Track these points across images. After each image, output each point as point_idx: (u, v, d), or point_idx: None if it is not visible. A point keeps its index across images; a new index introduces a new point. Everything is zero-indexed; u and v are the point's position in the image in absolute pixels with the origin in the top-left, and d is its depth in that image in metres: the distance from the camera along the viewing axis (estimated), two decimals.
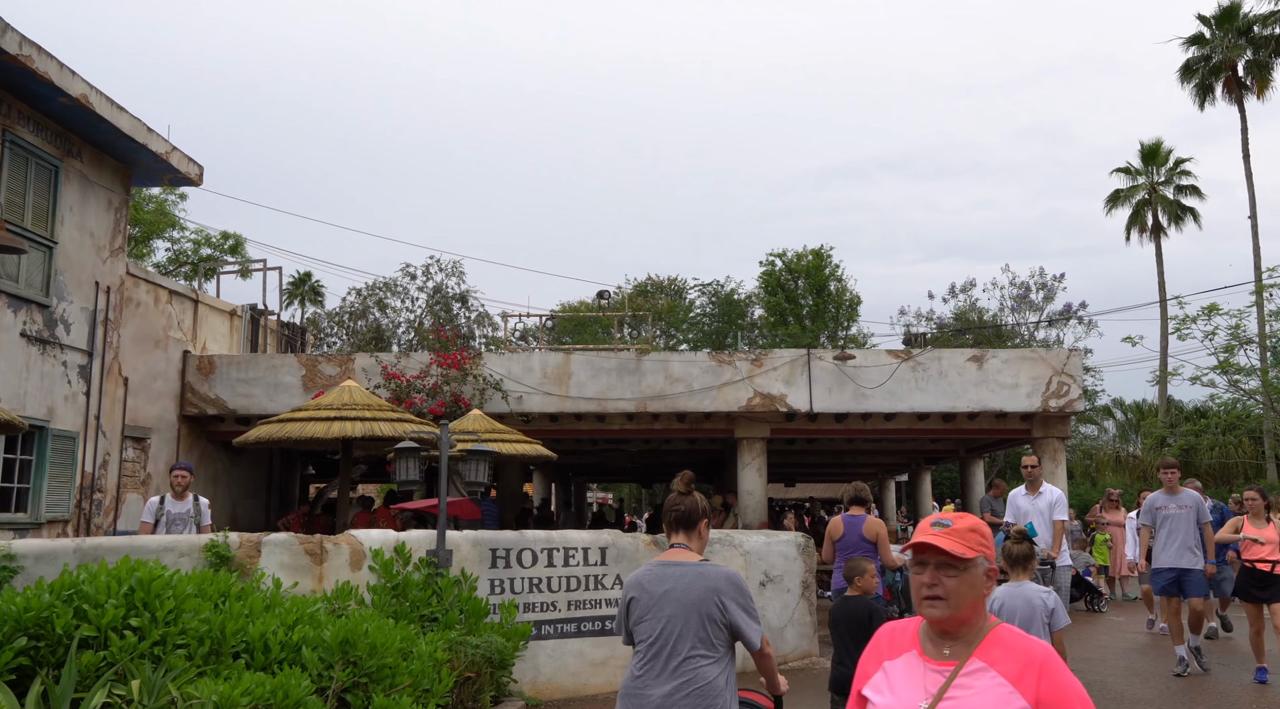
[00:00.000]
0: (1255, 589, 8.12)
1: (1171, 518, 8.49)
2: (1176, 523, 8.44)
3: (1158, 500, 8.69)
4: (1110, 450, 32.15)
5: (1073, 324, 38.65)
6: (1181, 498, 8.54)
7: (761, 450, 15.29)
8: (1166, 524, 8.53)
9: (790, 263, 50.55)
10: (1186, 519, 8.41)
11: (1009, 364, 14.62)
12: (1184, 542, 8.40)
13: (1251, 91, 27.33)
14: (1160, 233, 32.12)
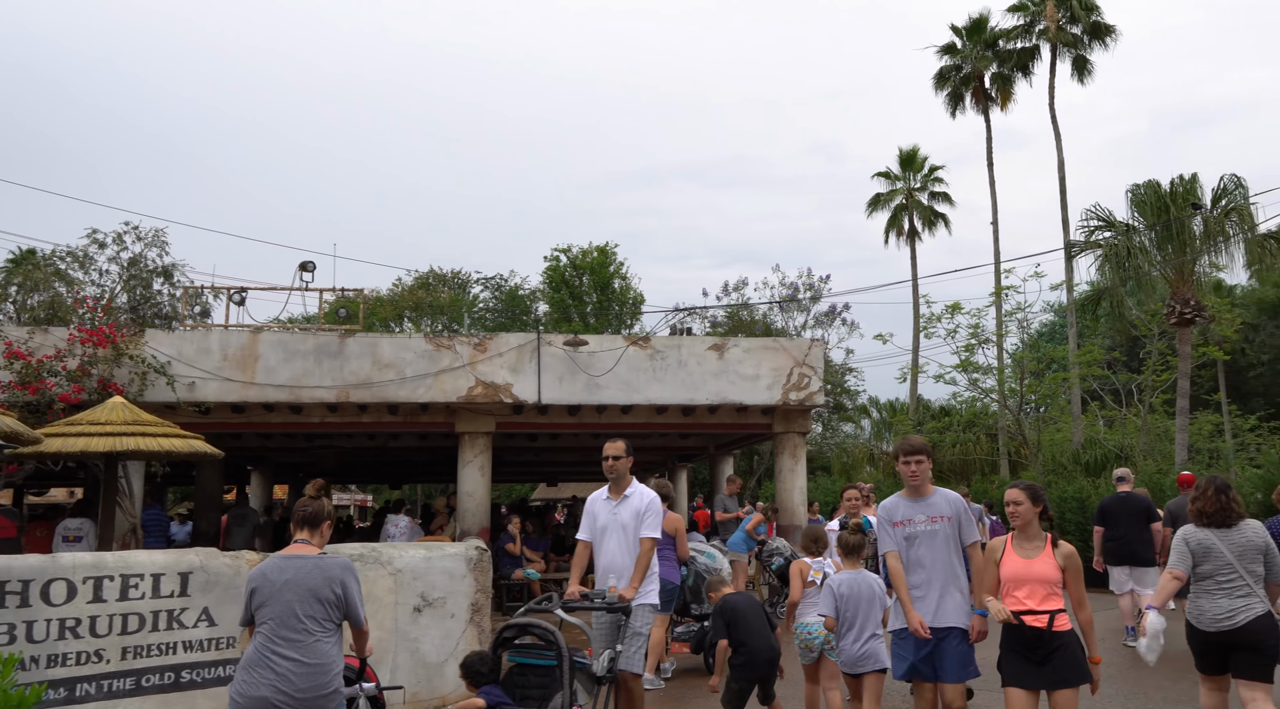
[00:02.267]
0: (1026, 661, 4.69)
1: (921, 538, 5.16)
2: (929, 548, 5.14)
3: (896, 510, 5.31)
4: (865, 448, 32.94)
5: (838, 325, 39.71)
6: (934, 504, 5.24)
7: (486, 446, 13.65)
8: (914, 548, 5.17)
9: (575, 259, 49.47)
10: (944, 539, 5.15)
11: (750, 354, 13.75)
12: (944, 581, 5.11)
13: (996, 103, 28.59)
14: (915, 237, 33.28)
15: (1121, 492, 9.96)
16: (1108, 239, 19.97)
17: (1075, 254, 21.25)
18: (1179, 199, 18.81)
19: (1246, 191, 18.54)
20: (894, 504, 5.30)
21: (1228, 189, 18.77)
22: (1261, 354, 45.29)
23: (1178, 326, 19.60)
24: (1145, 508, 9.65)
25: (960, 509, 5.22)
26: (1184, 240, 18.95)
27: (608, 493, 5.98)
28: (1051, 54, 26.66)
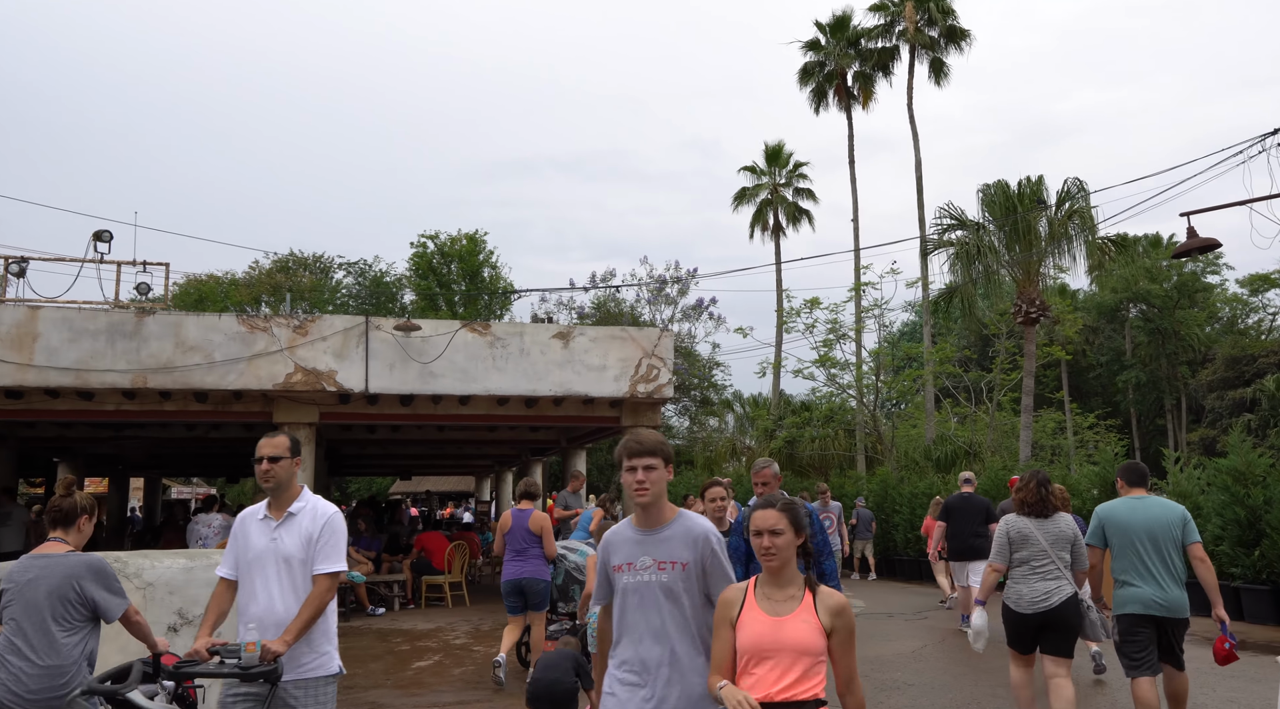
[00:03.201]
0: None
1: (638, 592, 3.50)
2: (643, 608, 3.40)
3: (617, 546, 3.51)
4: (727, 442, 32.90)
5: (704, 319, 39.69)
6: (667, 541, 3.35)
7: (308, 438, 12.49)
8: (628, 606, 3.58)
9: (443, 246, 47.92)
10: (667, 595, 3.43)
11: (597, 344, 13.06)
12: (667, 661, 3.20)
13: (858, 100, 28.89)
14: (780, 232, 33.41)
15: (965, 492, 10.55)
16: (959, 238, 20.28)
17: (929, 251, 21.52)
18: (1026, 199, 19.24)
19: (1088, 195, 19.10)
20: (617, 536, 3.40)
21: (1071, 192, 19.29)
22: (1100, 356, 47.88)
23: (1024, 325, 20.06)
24: (984, 508, 10.28)
25: (708, 551, 3.24)
26: (1030, 241, 19.39)
27: (265, 510, 3.98)
28: (910, 55, 27.12)
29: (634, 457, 3.24)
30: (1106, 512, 5.77)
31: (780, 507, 3.09)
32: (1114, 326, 47.57)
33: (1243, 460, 12.26)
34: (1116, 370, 46.28)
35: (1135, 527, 5.60)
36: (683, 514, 3.31)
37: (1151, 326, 44.51)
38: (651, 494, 3.22)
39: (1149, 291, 43.56)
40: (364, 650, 9.77)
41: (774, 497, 3.17)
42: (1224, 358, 40.89)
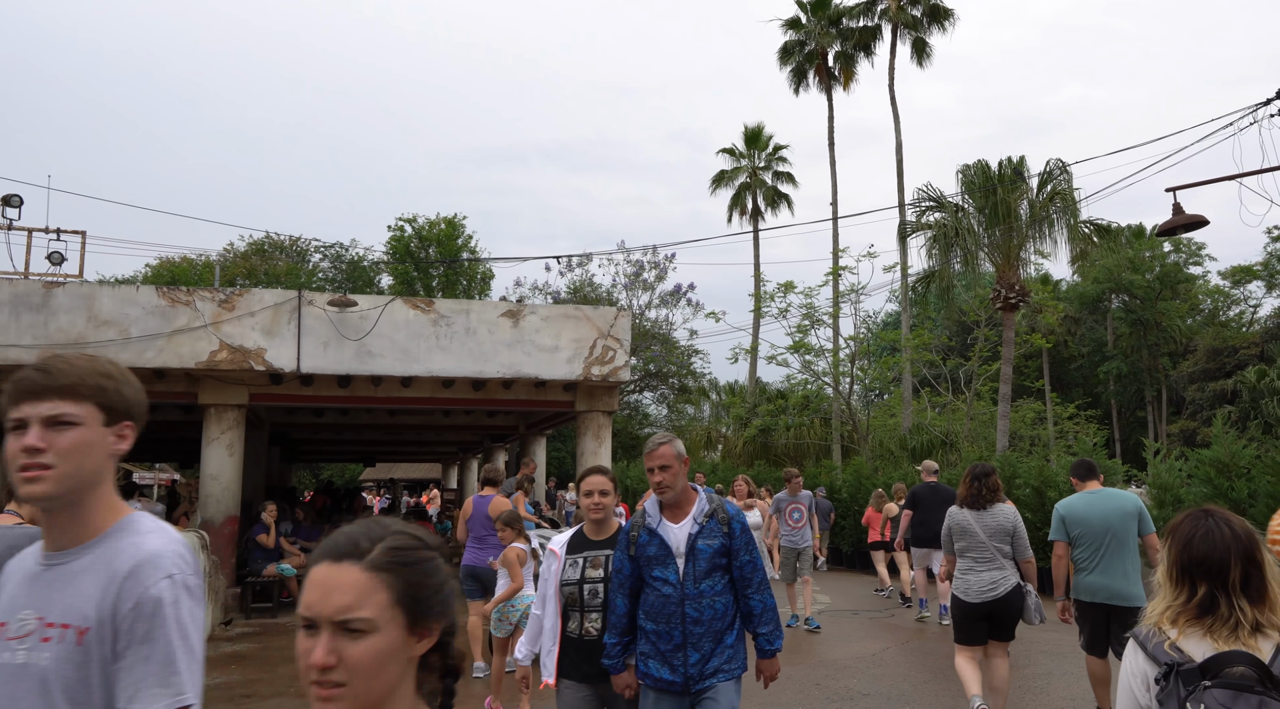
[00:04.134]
0: None
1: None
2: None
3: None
4: (703, 431, 32.22)
5: (682, 305, 38.94)
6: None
7: (236, 421, 11.69)
8: None
9: (420, 230, 47.02)
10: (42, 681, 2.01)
11: (549, 323, 12.29)
12: None
13: (839, 82, 28.12)
14: (759, 216, 32.67)
15: (930, 482, 10.63)
16: (938, 220, 19.57)
17: (907, 234, 20.81)
18: (1007, 180, 18.53)
19: (1070, 176, 18.44)
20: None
21: (1053, 173, 18.62)
22: (1082, 346, 47.45)
23: (1003, 311, 19.41)
24: (949, 496, 10.09)
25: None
26: (1010, 223, 18.70)
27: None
28: (893, 34, 26.35)
29: None
30: (1065, 507, 6.05)
31: None
32: (1096, 317, 47.14)
33: (1226, 452, 11.64)
34: (1098, 361, 45.87)
35: (1093, 520, 5.90)
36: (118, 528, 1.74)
37: (1133, 317, 44.09)
38: None
39: (1131, 282, 43.10)
40: (280, 651, 9.00)
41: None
42: (1205, 349, 40.51)
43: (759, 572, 3.58)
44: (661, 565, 3.51)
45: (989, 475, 6.12)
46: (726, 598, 3.53)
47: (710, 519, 3.55)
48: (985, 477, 6.11)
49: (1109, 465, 13.21)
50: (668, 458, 3.55)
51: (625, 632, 3.57)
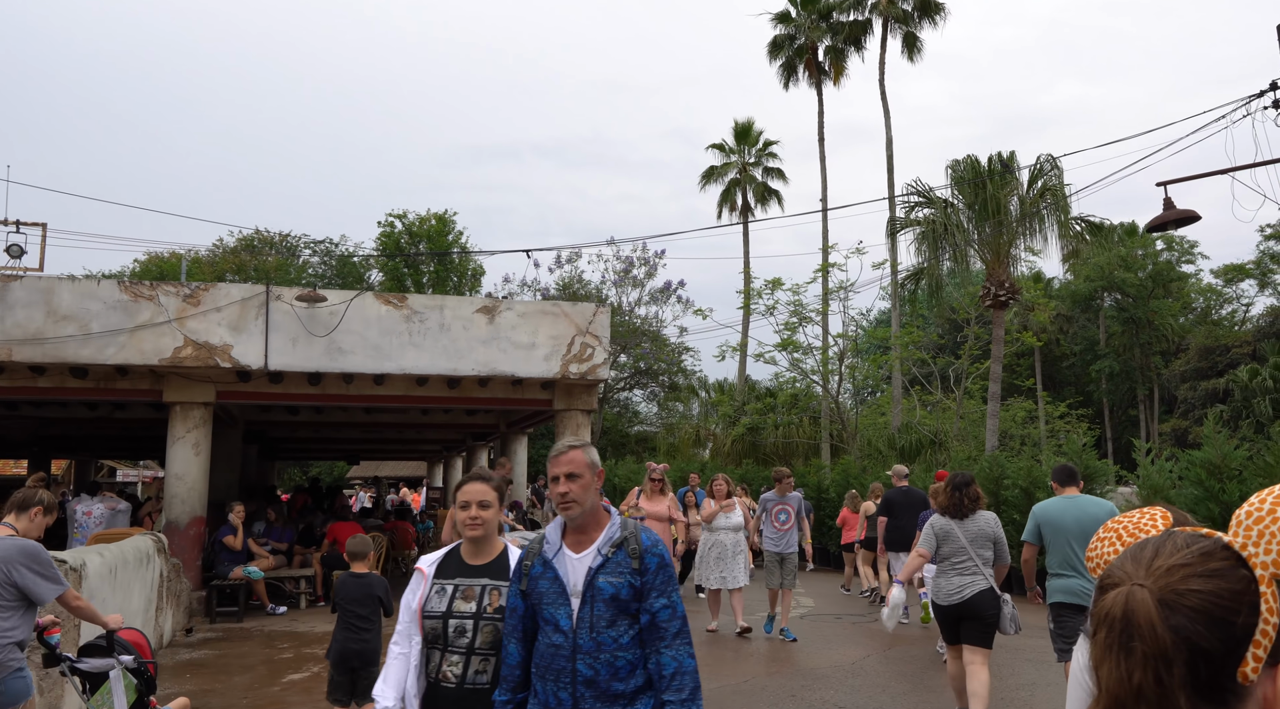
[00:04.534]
0: None
1: None
2: None
3: None
4: (692, 428, 31.94)
5: (673, 302, 38.67)
6: None
7: (203, 419, 11.37)
8: None
9: (411, 226, 46.78)
10: None
11: (526, 319, 11.98)
12: None
13: (829, 76, 27.84)
14: (748, 212, 32.38)
15: (901, 486, 10.70)
16: (927, 216, 19.30)
17: (896, 230, 20.53)
18: (996, 176, 18.28)
19: (1061, 172, 18.18)
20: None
21: (1044, 169, 18.36)
22: (1074, 345, 47.30)
23: (993, 309, 19.15)
24: (922, 500, 10.27)
25: None
26: (1000, 220, 18.45)
27: None
28: (883, 28, 26.07)
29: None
30: (1041, 511, 6.18)
31: None
32: (1088, 316, 46.99)
33: (1218, 452, 11.38)
34: (1090, 360, 45.72)
35: (1067, 523, 6.03)
36: None
37: (1125, 316, 43.94)
38: None
39: (1124, 280, 42.95)
40: (239, 659, 8.69)
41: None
42: (1197, 348, 40.38)
43: (677, 621, 2.72)
44: (553, 606, 2.71)
45: (969, 485, 6.28)
46: (633, 653, 2.67)
47: (618, 550, 2.72)
48: (966, 486, 6.27)
49: (1099, 466, 12.95)
50: (577, 465, 2.81)
51: (518, 687, 2.78)
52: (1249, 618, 0.92)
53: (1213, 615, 0.91)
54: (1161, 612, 0.92)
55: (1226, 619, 0.91)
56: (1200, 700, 0.90)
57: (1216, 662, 0.90)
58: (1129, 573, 0.98)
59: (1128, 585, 0.96)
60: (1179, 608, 0.92)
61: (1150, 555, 0.99)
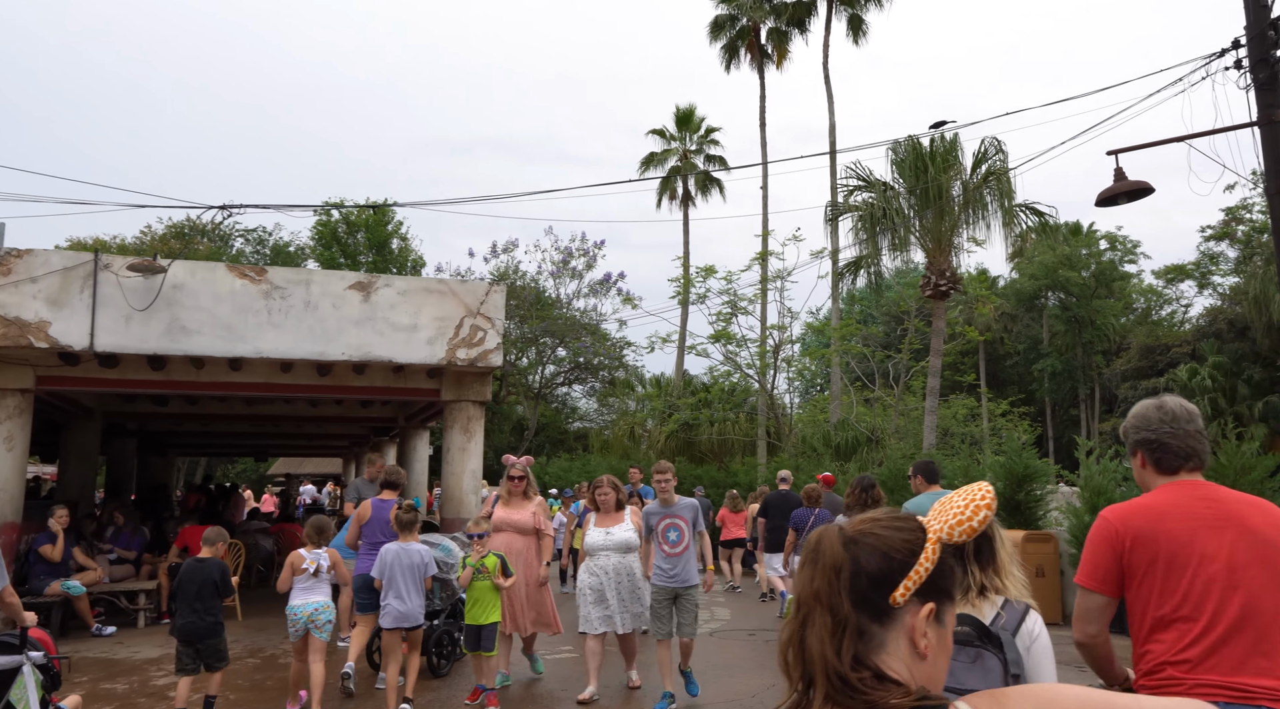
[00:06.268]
0: None
1: None
2: None
3: None
4: (626, 424, 30.68)
5: (613, 296, 37.39)
6: None
7: (19, 408, 9.74)
8: None
9: (348, 215, 44.96)
10: None
11: (408, 298, 10.58)
12: None
13: (772, 60, 26.72)
14: (689, 201, 31.21)
15: (782, 490, 11.37)
16: (865, 200, 18.21)
17: (835, 216, 19.41)
18: (939, 159, 17.24)
19: (1006, 157, 17.19)
20: None
21: (988, 153, 17.37)
22: (1018, 344, 46.95)
23: (933, 300, 18.13)
24: (797, 503, 10.83)
25: None
26: (942, 206, 17.42)
27: None
28: (828, 9, 24.99)
29: None
30: (911, 507, 6.17)
31: None
32: (1032, 315, 46.65)
33: None
34: (1033, 359, 45.39)
35: None
36: None
37: (1069, 315, 43.64)
38: None
39: (1068, 279, 42.61)
40: None
41: None
42: (1138, 347, 40.12)
43: None
44: None
45: (872, 487, 6.54)
46: None
47: None
48: (869, 488, 6.53)
49: (1038, 466, 11.97)
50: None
51: None
52: (908, 559, 1.21)
53: (878, 549, 1.22)
54: (844, 541, 1.24)
55: (889, 554, 1.21)
56: (857, 607, 1.18)
57: (874, 580, 1.19)
58: (840, 523, 1.29)
59: (833, 528, 1.27)
60: (859, 541, 1.24)
61: (863, 514, 1.29)
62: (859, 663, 1.15)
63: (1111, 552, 2.62)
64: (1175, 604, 2.50)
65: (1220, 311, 37.20)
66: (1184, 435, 2.67)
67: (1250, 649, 2.37)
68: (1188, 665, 2.44)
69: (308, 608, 6.52)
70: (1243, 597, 2.42)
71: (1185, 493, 2.61)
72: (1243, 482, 9.32)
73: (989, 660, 2.28)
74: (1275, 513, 2.55)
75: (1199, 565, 2.49)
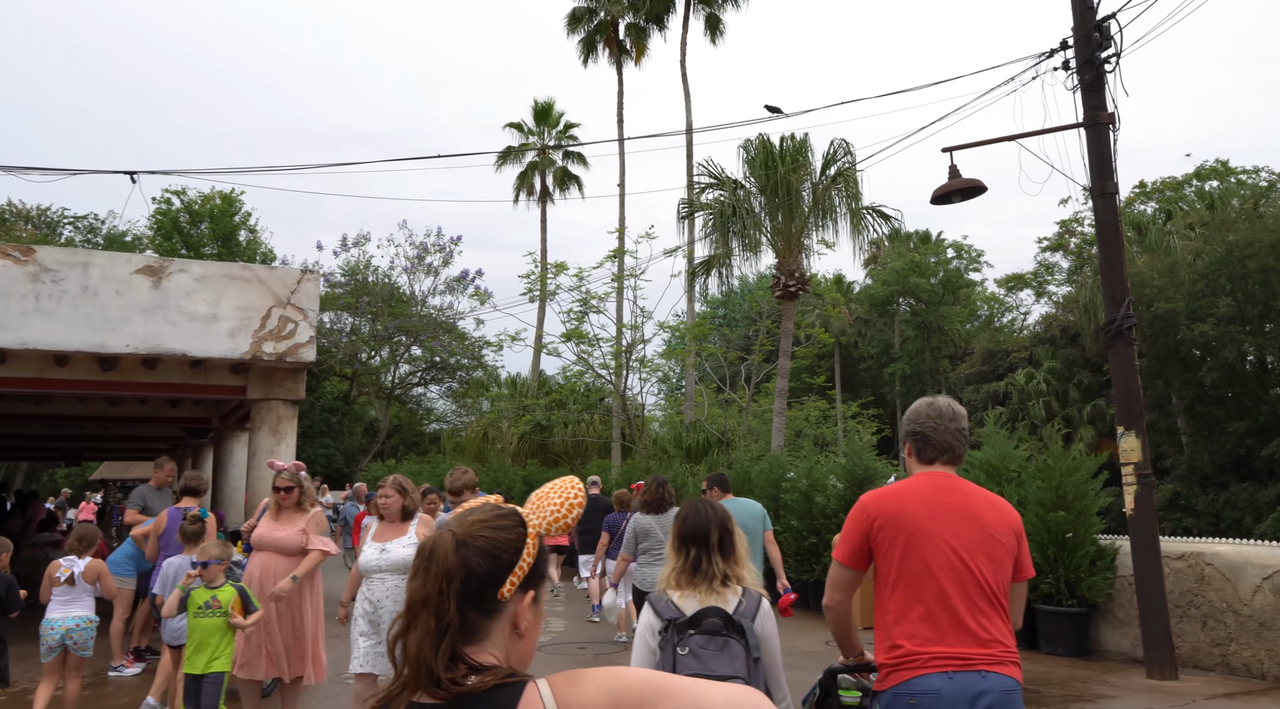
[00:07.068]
0: None
1: None
2: None
3: None
4: (479, 427, 29.77)
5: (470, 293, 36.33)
6: None
7: None
8: None
9: (190, 204, 42.19)
10: None
11: (206, 285, 9.54)
12: None
13: (630, 56, 26.40)
14: (547, 197, 30.56)
15: (594, 493, 11.96)
16: (716, 198, 18.03)
17: (687, 214, 19.15)
18: (789, 158, 17.20)
19: (855, 158, 17.32)
20: None
21: (837, 155, 17.46)
22: (870, 348, 48.42)
23: (783, 300, 18.10)
24: (607, 506, 11.18)
25: None
26: (792, 205, 17.40)
27: None
28: (685, 6, 24.84)
29: None
30: None
31: None
32: (885, 320, 48.20)
33: (998, 453, 10.45)
34: (885, 362, 46.86)
35: None
36: None
37: (918, 320, 45.25)
38: None
39: (917, 286, 44.17)
40: None
41: None
42: (981, 352, 41.94)
43: None
44: None
45: (665, 485, 6.91)
46: None
47: None
48: (663, 485, 6.88)
49: (877, 466, 11.98)
50: None
51: None
52: (514, 557, 1.31)
53: (488, 551, 1.29)
54: (456, 545, 1.29)
55: (497, 555, 1.30)
56: (467, 605, 1.27)
57: (485, 581, 1.28)
58: (449, 525, 1.33)
59: (442, 531, 1.32)
60: (469, 544, 1.29)
61: (465, 513, 1.35)
62: (456, 659, 1.24)
63: (861, 532, 2.85)
64: (911, 580, 2.73)
65: (1055, 319, 39.27)
66: (945, 432, 2.90)
67: (973, 624, 2.66)
68: (920, 639, 2.68)
69: (66, 622, 5.99)
70: (969, 578, 2.70)
71: (933, 482, 2.84)
72: (1068, 482, 9.44)
73: (734, 647, 2.60)
74: (1006, 510, 2.85)
75: (934, 548, 2.73)
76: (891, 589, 2.77)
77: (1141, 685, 7.57)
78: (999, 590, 2.74)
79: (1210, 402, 26.81)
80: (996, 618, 2.71)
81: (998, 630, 2.70)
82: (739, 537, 2.91)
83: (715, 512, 3.00)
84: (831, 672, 2.99)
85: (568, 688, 1.22)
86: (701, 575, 2.84)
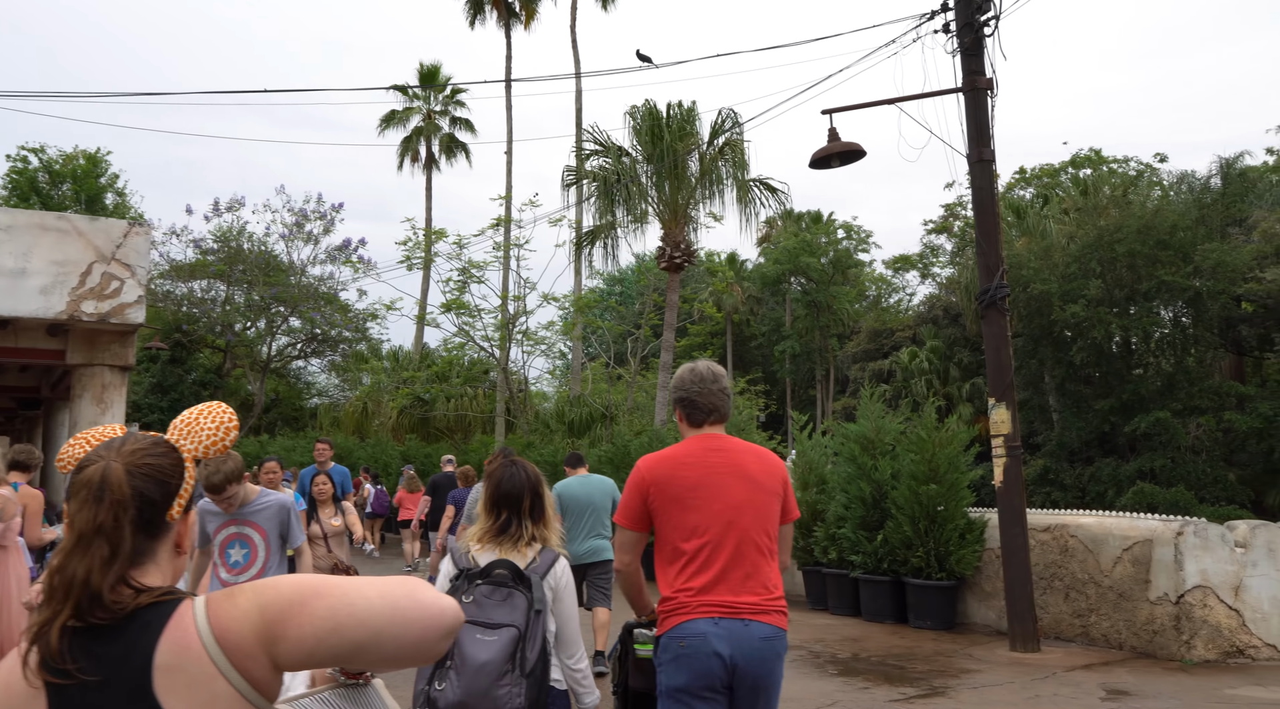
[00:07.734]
0: None
1: None
2: None
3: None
4: (358, 400, 28.62)
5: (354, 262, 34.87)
6: None
7: None
8: None
9: (50, 162, 39.12)
10: None
11: (13, 235, 8.51)
12: None
13: (520, 19, 25.52)
14: (433, 165, 29.44)
15: (446, 471, 12.05)
16: (604, 166, 17.50)
17: (578, 180, 18.53)
18: (675, 127, 16.78)
19: (743, 129, 17.02)
20: None
21: (725, 124, 17.12)
22: (762, 326, 48.83)
23: (668, 271, 17.73)
24: (452, 480, 11.12)
25: None
26: (679, 175, 17.00)
27: None
28: None
29: None
30: (562, 488, 7.01)
31: None
32: (776, 298, 48.64)
33: (872, 426, 10.32)
34: (775, 340, 47.31)
35: (581, 499, 6.99)
36: None
37: (809, 299, 45.77)
38: None
39: (808, 265, 44.63)
40: None
41: None
42: (867, 331, 42.72)
43: None
44: None
45: (512, 454, 7.21)
46: None
47: None
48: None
49: (757, 439, 11.68)
50: None
51: None
52: (179, 481, 1.36)
53: (156, 478, 1.33)
54: (127, 475, 1.31)
55: (165, 481, 1.34)
56: (139, 532, 1.30)
57: (157, 506, 1.33)
58: (103, 455, 1.33)
59: (104, 462, 1.31)
60: (136, 473, 1.32)
61: (120, 443, 1.36)
62: (122, 581, 1.26)
63: (639, 495, 3.00)
64: (685, 537, 2.91)
65: (937, 300, 40.24)
66: (709, 394, 3.09)
67: (742, 576, 2.85)
68: (693, 591, 2.86)
69: None
70: (738, 532, 2.90)
71: (702, 444, 3.01)
72: (941, 455, 9.35)
73: (517, 599, 2.69)
74: (772, 461, 3.05)
75: (705, 506, 2.91)
76: (669, 546, 2.95)
77: (1005, 659, 7.48)
78: (769, 541, 2.94)
79: (1079, 380, 27.82)
80: (765, 568, 2.91)
81: (766, 580, 2.90)
82: (548, 500, 3.02)
83: (529, 475, 3.05)
84: (628, 627, 3.21)
85: (220, 602, 1.24)
86: (508, 536, 2.91)
